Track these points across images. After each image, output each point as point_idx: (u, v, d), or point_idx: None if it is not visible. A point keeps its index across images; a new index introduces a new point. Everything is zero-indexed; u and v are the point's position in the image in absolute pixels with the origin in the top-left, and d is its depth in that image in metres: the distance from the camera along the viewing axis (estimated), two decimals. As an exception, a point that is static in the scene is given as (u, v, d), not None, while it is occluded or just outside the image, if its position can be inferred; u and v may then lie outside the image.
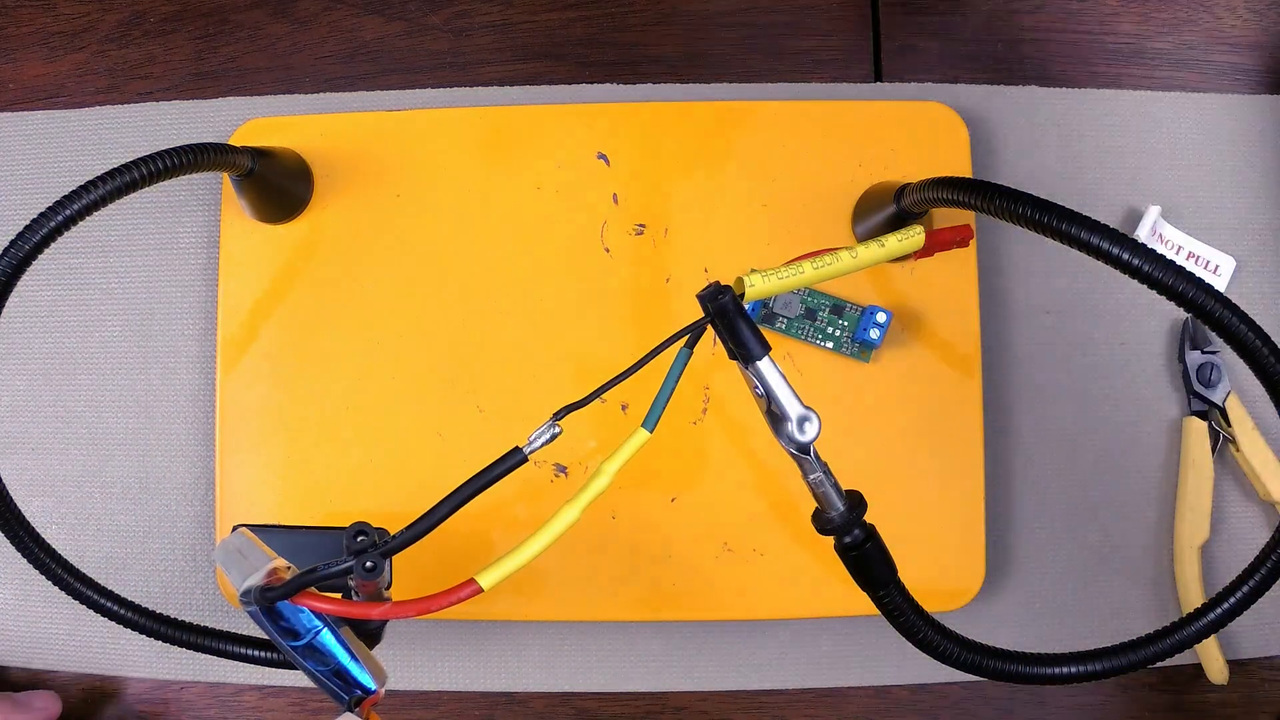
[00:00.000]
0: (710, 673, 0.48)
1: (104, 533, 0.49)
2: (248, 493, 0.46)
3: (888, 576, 0.31)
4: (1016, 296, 0.49)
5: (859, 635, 0.48)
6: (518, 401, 0.46)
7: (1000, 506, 0.48)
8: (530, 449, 0.28)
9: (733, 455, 0.46)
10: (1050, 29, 0.51)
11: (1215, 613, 0.31)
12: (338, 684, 0.31)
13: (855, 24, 0.51)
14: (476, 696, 0.48)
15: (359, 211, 0.47)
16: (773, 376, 0.28)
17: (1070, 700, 0.49)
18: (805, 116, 0.47)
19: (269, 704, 0.49)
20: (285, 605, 0.30)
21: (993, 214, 0.31)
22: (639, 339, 0.46)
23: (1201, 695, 0.49)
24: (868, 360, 0.46)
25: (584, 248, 0.47)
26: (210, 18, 0.51)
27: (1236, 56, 0.51)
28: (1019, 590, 0.48)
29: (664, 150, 0.47)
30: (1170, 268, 0.27)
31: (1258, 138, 0.50)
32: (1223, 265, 0.49)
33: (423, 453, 0.46)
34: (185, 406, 0.49)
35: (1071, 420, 0.48)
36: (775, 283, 0.30)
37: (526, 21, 0.51)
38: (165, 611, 0.36)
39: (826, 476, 0.29)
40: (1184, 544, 0.47)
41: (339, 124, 0.47)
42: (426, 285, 0.47)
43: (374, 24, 0.51)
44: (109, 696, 0.49)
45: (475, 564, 0.29)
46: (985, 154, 0.49)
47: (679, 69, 0.51)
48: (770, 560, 0.46)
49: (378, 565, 0.29)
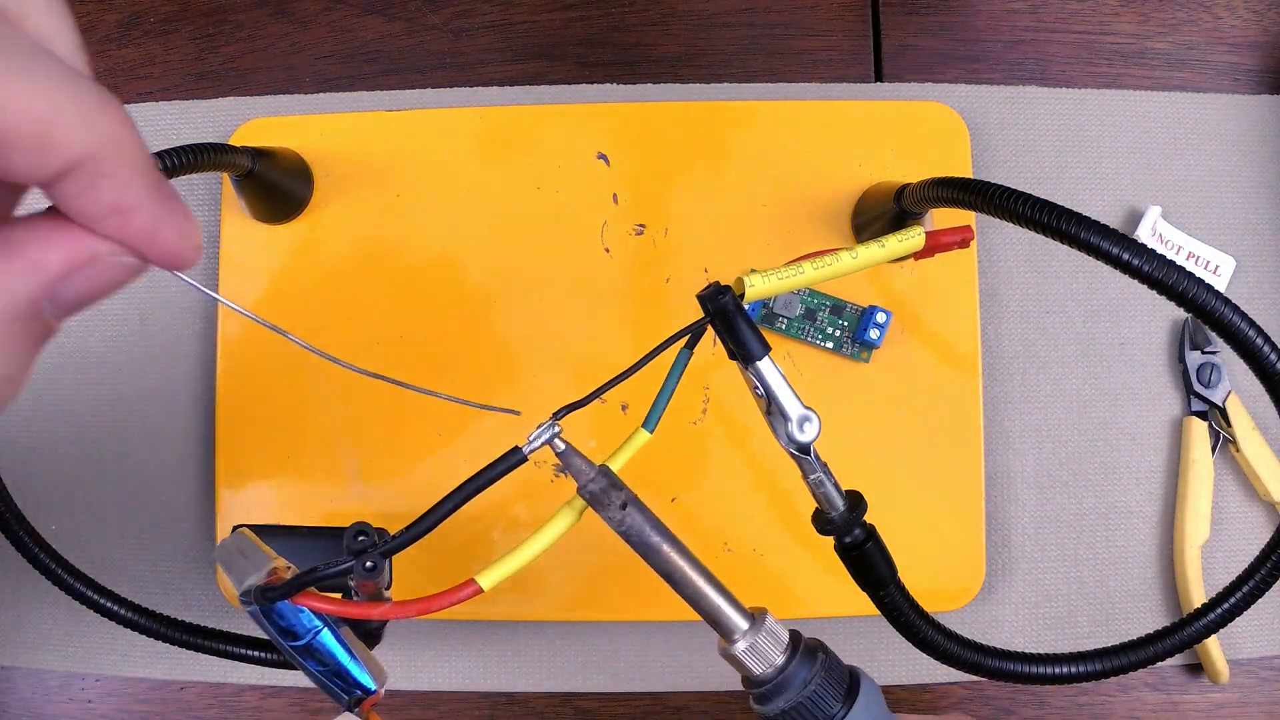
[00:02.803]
0: (710, 673, 0.48)
1: (104, 533, 0.49)
2: (248, 493, 0.46)
3: (888, 576, 0.31)
4: (1016, 296, 0.49)
5: (859, 635, 0.48)
6: (518, 401, 0.46)
7: (1000, 506, 0.48)
8: (530, 449, 0.28)
9: (733, 455, 0.46)
10: (1050, 29, 0.51)
11: (1215, 613, 0.31)
12: (338, 684, 0.31)
13: (855, 24, 0.51)
14: (476, 696, 0.48)
15: (359, 211, 0.47)
16: (773, 377, 0.28)
17: (1070, 700, 0.49)
18: (805, 116, 0.47)
19: (269, 704, 0.49)
20: (285, 605, 0.30)
21: (993, 214, 0.31)
22: (639, 339, 0.46)
23: (1201, 695, 0.49)
24: (868, 360, 0.46)
25: (584, 248, 0.47)
26: (210, 18, 0.51)
27: (1236, 56, 0.51)
28: (1019, 590, 0.48)
29: (664, 150, 0.47)
30: (1170, 267, 0.27)
31: (1258, 138, 0.50)
32: (1223, 265, 0.49)
33: (423, 453, 0.46)
34: (185, 406, 0.49)
35: (1071, 420, 0.48)
36: (775, 283, 0.30)
37: (526, 21, 0.51)
38: (165, 611, 0.36)
39: (826, 476, 0.29)
40: (1184, 544, 0.47)
41: (339, 124, 0.47)
42: (426, 285, 0.47)
43: (374, 24, 0.51)
44: (109, 696, 0.49)
45: (475, 564, 0.29)
46: (985, 154, 0.49)
47: (679, 69, 0.51)
48: (770, 560, 0.46)
49: (378, 565, 0.29)
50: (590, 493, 0.26)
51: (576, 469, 0.26)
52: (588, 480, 0.26)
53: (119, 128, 0.16)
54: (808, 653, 0.28)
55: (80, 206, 0.16)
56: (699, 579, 0.27)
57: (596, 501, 0.26)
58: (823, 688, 0.27)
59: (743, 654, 0.27)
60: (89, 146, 0.15)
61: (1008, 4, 0.51)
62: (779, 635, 0.28)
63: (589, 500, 0.26)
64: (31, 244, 0.16)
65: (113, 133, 0.16)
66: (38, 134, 0.15)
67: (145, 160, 0.17)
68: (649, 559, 0.27)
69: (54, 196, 0.16)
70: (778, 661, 0.27)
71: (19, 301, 0.16)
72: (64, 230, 0.17)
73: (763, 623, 0.27)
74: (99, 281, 0.17)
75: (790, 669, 0.27)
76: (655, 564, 0.27)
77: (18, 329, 0.16)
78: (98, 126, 0.16)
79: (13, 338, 0.16)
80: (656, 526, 0.27)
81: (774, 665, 0.27)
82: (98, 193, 0.16)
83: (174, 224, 0.17)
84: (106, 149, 0.16)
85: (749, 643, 0.27)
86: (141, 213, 0.17)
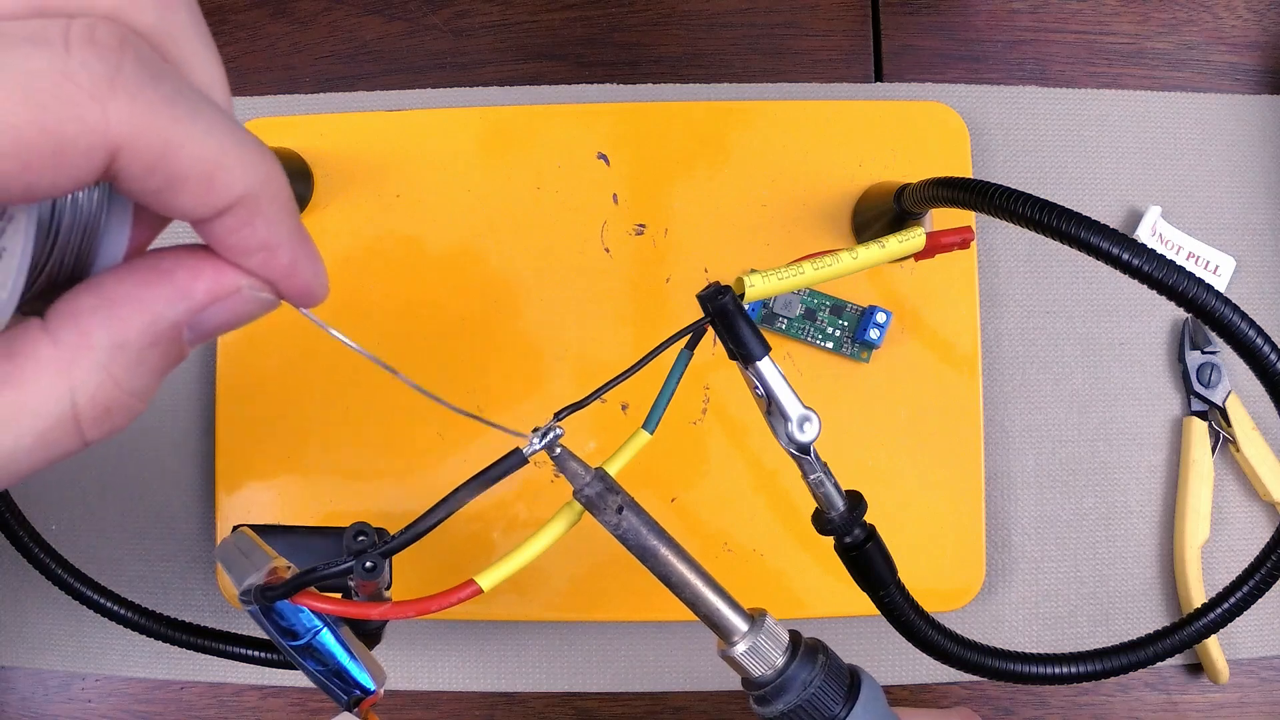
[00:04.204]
0: (710, 673, 0.48)
1: (104, 533, 0.49)
2: (248, 493, 0.46)
3: (888, 576, 0.31)
4: (1016, 296, 0.49)
5: (859, 635, 0.48)
6: (518, 401, 0.46)
7: (1000, 506, 0.48)
8: (530, 450, 0.28)
9: (733, 455, 0.46)
10: (1050, 29, 0.51)
11: (1215, 613, 0.31)
12: (337, 684, 0.31)
13: (855, 24, 0.51)
14: (476, 696, 0.48)
15: (359, 211, 0.47)
16: (773, 377, 0.28)
17: (1070, 700, 0.49)
18: (805, 116, 0.47)
19: (269, 704, 0.49)
20: (285, 605, 0.30)
21: (993, 214, 0.31)
22: (639, 339, 0.46)
23: (1201, 695, 0.49)
24: (868, 360, 0.46)
25: (584, 248, 0.47)
26: (210, 18, 0.51)
27: (1236, 56, 0.51)
28: (1019, 590, 0.48)
29: (664, 150, 0.47)
30: (1170, 267, 0.27)
31: (1258, 138, 0.50)
32: (1223, 265, 0.49)
33: (423, 453, 0.46)
34: (185, 406, 0.49)
35: (1071, 420, 0.48)
36: (775, 283, 0.30)
37: (526, 21, 0.51)
38: (165, 611, 0.36)
39: (826, 476, 0.29)
40: (1184, 544, 0.47)
41: (339, 124, 0.47)
42: (426, 285, 0.47)
43: (374, 24, 0.51)
44: (109, 696, 0.49)
45: (475, 564, 0.29)
46: (985, 154, 0.49)
47: (679, 69, 0.51)
48: (770, 560, 0.46)
49: (378, 565, 0.29)
50: (586, 497, 0.26)
51: (572, 473, 0.26)
52: (583, 484, 0.26)
53: (273, 171, 0.17)
54: (808, 653, 0.28)
55: (233, 242, 0.17)
56: (697, 581, 0.27)
57: (593, 506, 0.26)
58: (823, 688, 0.27)
59: (742, 656, 0.27)
60: (249, 188, 0.17)
61: (1008, 4, 0.51)
62: (779, 636, 0.28)
63: (585, 504, 0.26)
64: (181, 272, 0.18)
65: (268, 176, 0.17)
66: (206, 175, 0.16)
67: (291, 203, 0.18)
68: (646, 562, 0.27)
69: (206, 233, 0.17)
70: (778, 663, 0.27)
71: (164, 325, 0.17)
72: (210, 262, 0.18)
73: (762, 624, 0.27)
74: (237, 313, 0.18)
75: (790, 670, 0.27)
76: (653, 567, 0.27)
77: (159, 351, 0.18)
78: (257, 169, 0.17)
79: (153, 358, 0.18)
80: (654, 529, 0.27)
81: (774, 667, 0.27)
82: (251, 230, 0.17)
83: (310, 263, 0.19)
84: (262, 190, 0.17)
85: (749, 644, 0.27)
86: (284, 251, 0.18)
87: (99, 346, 0.17)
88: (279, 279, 0.18)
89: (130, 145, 0.15)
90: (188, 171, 0.16)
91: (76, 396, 0.17)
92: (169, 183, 0.16)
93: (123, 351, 0.17)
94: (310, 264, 0.19)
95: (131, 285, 0.17)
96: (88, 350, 0.17)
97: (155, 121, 0.15)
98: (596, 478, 0.26)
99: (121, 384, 0.17)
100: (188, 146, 0.16)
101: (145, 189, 0.16)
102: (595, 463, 0.27)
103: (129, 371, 0.17)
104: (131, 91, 0.15)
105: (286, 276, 0.18)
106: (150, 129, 0.15)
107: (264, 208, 0.17)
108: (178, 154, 0.16)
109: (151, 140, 0.15)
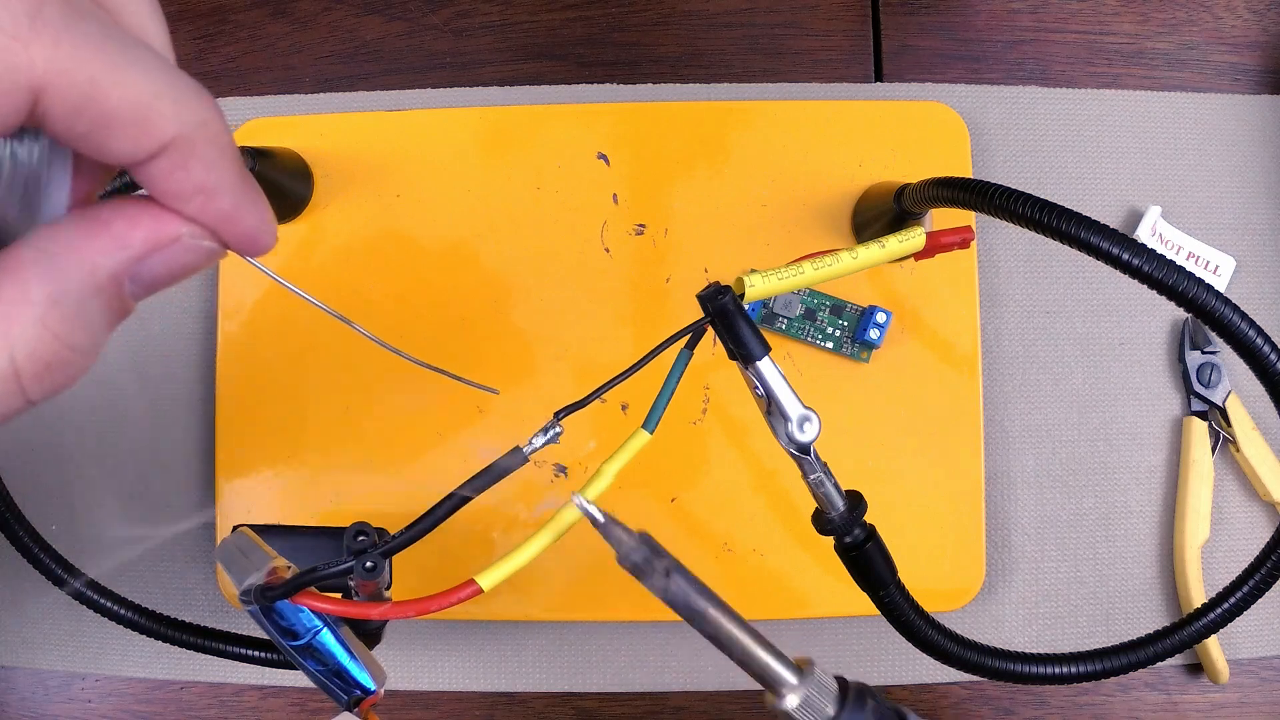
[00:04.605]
0: (710, 673, 0.48)
1: (104, 533, 0.49)
2: (248, 493, 0.46)
3: (888, 576, 0.31)
4: (1016, 296, 0.49)
5: (859, 635, 0.48)
6: (518, 401, 0.46)
7: (1000, 506, 0.48)
8: (530, 449, 0.28)
9: (733, 455, 0.46)
10: (1050, 29, 0.51)
11: (1215, 613, 0.31)
12: (337, 684, 0.31)
13: (855, 24, 0.51)
14: (476, 696, 0.48)
15: (359, 211, 0.47)
16: (773, 377, 0.28)
17: (1070, 700, 0.49)
18: (805, 116, 0.47)
19: (269, 704, 0.49)
20: (285, 605, 0.30)
21: (993, 214, 0.31)
22: (639, 339, 0.46)
23: (1201, 695, 0.49)
24: (868, 360, 0.46)
25: (584, 248, 0.47)
26: (210, 18, 0.51)
27: (1236, 56, 0.51)
28: (1019, 590, 0.48)
29: (664, 150, 0.47)
30: (1170, 267, 0.27)
31: (1258, 138, 0.50)
32: (1223, 265, 0.49)
33: (423, 453, 0.46)
34: (185, 406, 0.49)
35: (1071, 420, 0.48)
36: (775, 283, 0.30)
37: (526, 21, 0.51)
38: (165, 611, 0.36)
39: (826, 476, 0.29)
40: (1184, 544, 0.47)
41: (339, 124, 0.47)
42: (426, 285, 0.47)
43: (374, 24, 0.51)
44: (109, 696, 0.49)
45: (475, 564, 0.29)
46: (985, 154, 0.49)
47: (679, 69, 0.51)
48: (770, 560, 0.46)
49: (378, 565, 0.29)
50: (633, 563, 0.25)
51: (616, 539, 0.25)
52: (629, 550, 0.25)
53: (209, 113, 0.17)
54: (858, 699, 0.27)
55: (168, 186, 0.17)
56: (745, 638, 0.26)
57: (639, 572, 0.25)
58: None
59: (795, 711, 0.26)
60: (182, 128, 0.16)
61: (1008, 4, 0.51)
62: (828, 687, 0.27)
63: (630, 571, 0.25)
64: (117, 221, 0.17)
65: (204, 117, 0.17)
66: (137, 116, 0.16)
67: (231, 147, 0.17)
68: (694, 623, 0.26)
69: (143, 177, 0.17)
70: (829, 712, 0.27)
71: (102, 276, 0.17)
72: (149, 210, 0.17)
73: (811, 675, 0.27)
74: (179, 262, 0.18)
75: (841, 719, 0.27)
76: (701, 628, 0.26)
77: (99, 303, 0.17)
78: (191, 110, 0.16)
79: (93, 311, 0.17)
80: (702, 591, 0.26)
81: (825, 716, 0.27)
82: (187, 173, 0.17)
83: (254, 209, 0.18)
84: (198, 132, 0.16)
85: (800, 698, 0.26)
86: (225, 196, 0.17)
87: (36, 301, 0.16)
88: (220, 225, 0.18)
89: (54, 86, 0.15)
90: (117, 113, 0.15)
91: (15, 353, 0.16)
92: (98, 124, 0.16)
93: (61, 305, 0.17)
94: (254, 210, 0.18)
95: (69, 237, 0.17)
96: (25, 305, 0.16)
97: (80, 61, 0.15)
98: (642, 542, 0.25)
99: (61, 338, 0.17)
100: (116, 87, 0.15)
101: (74, 132, 0.16)
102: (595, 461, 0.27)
103: (68, 325, 0.17)
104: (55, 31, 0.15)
105: (228, 221, 0.18)
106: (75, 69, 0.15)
107: (200, 150, 0.17)
108: (106, 94, 0.15)
109: (77, 80, 0.15)
